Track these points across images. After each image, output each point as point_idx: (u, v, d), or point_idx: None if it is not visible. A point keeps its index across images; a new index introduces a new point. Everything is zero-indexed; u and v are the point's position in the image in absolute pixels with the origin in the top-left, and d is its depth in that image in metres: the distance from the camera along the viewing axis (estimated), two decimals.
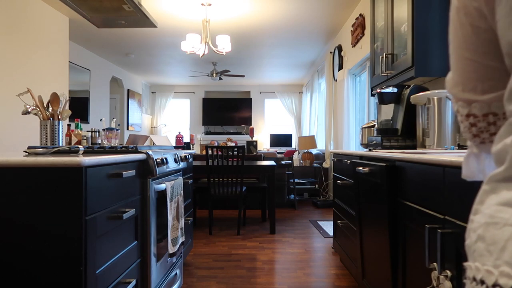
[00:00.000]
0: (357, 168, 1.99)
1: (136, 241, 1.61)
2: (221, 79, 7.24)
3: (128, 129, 7.92)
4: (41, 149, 1.35)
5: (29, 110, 1.88)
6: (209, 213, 3.89)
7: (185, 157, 2.50)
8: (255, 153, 5.53)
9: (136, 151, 1.70)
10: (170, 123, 9.62)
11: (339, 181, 2.77)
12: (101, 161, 1.22)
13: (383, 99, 2.34)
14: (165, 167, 1.94)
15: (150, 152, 1.73)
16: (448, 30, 0.56)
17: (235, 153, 3.86)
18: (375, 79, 2.79)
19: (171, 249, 1.96)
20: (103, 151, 1.69)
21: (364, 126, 2.71)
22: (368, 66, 4.03)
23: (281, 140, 8.61)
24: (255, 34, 5.28)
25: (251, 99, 9.52)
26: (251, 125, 9.21)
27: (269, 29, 5.06)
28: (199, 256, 3.10)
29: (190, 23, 4.82)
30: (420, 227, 1.28)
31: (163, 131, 9.49)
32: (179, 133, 5.61)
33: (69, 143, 2.27)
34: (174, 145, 3.18)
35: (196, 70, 7.59)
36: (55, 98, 1.94)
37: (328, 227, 4.09)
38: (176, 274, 2.25)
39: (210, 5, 4.16)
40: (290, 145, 8.57)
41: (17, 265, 1.11)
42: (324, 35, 5.39)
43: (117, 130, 2.41)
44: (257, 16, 4.57)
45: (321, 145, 6.72)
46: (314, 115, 7.46)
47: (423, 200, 1.28)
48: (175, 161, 2.22)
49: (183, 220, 2.24)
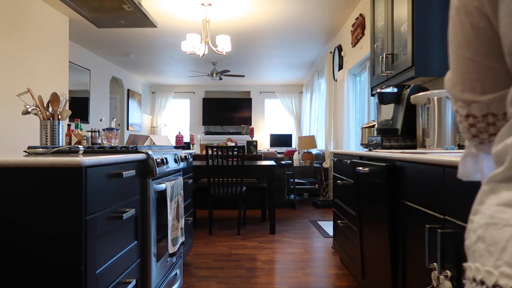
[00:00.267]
0: (357, 168, 1.99)
1: (136, 241, 1.61)
2: (221, 79, 7.24)
3: (128, 129, 7.92)
4: (41, 149, 1.35)
5: (29, 110, 1.88)
6: (209, 213, 3.89)
7: (185, 157, 2.50)
8: (255, 153, 5.53)
9: (136, 151, 1.70)
10: (170, 123, 9.62)
11: (339, 181, 2.77)
12: (101, 161, 1.22)
13: (383, 99, 2.34)
14: (165, 167, 1.94)
15: (150, 152, 1.73)
16: (448, 30, 0.56)
17: (235, 153, 3.86)
18: (375, 79, 2.79)
19: (171, 249, 1.96)
20: (103, 151, 1.69)
21: (364, 126, 2.71)
22: (368, 66, 4.03)
23: (281, 140, 8.61)
24: (255, 34, 5.28)
25: (251, 99, 9.52)
26: (251, 125, 9.21)
27: (269, 29, 5.06)
28: (199, 256, 3.10)
29: (190, 23, 4.82)
30: (420, 227, 1.28)
31: (163, 131, 9.49)
32: (179, 133, 5.61)
33: (69, 143, 2.27)
34: (174, 145, 3.18)
35: (196, 70, 7.59)
36: (55, 98, 1.94)
37: (328, 227, 4.09)
38: (176, 274, 2.25)
39: (210, 5, 4.16)
40: (290, 145, 8.56)
41: (17, 265, 1.11)
42: (324, 35, 5.39)
43: (117, 130, 2.41)
44: (257, 16, 4.57)
45: (321, 145, 6.72)
46: (314, 115, 7.46)
47: (423, 200, 1.28)
48: (175, 161, 2.22)
49: (183, 220, 2.24)
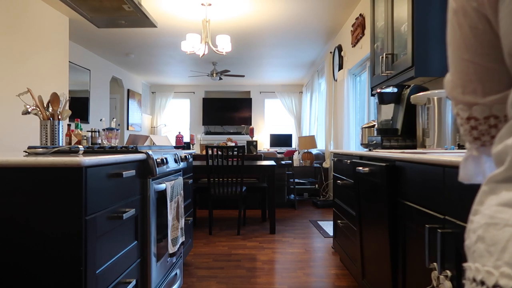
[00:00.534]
0: (357, 168, 1.99)
1: (136, 241, 1.61)
2: (221, 79, 7.24)
3: (128, 129, 7.92)
4: (41, 149, 1.35)
5: (29, 110, 1.88)
6: (209, 213, 3.89)
7: (185, 157, 2.50)
8: (255, 153, 5.53)
9: (136, 151, 1.70)
10: (170, 123, 9.62)
11: (339, 181, 2.77)
12: (101, 161, 1.22)
13: (383, 99, 2.34)
14: (165, 167, 1.94)
15: (150, 152, 1.73)
16: (446, 32, 0.56)
17: (235, 153, 3.86)
18: (375, 79, 2.79)
19: (171, 249, 1.96)
20: (103, 151, 1.69)
21: (364, 126, 2.71)
22: (368, 66, 4.03)
23: (281, 140, 8.61)
24: (255, 34, 5.28)
25: (251, 99, 9.51)
26: (251, 125, 9.21)
27: (269, 29, 5.06)
28: (199, 256, 3.10)
29: (190, 23, 4.82)
30: (420, 227, 1.28)
31: (163, 131, 9.49)
32: (179, 133, 5.61)
33: (69, 143, 2.27)
34: (174, 145, 3.18)
35: (196, 70, 7.59)
36: (55, 98, 1.94)
37: (328, 227, 4.09)
38: (176, 274, 2.25)
39: (210, 5, 4.16)
40: (290, 145, 8.56)
41: (17, 265, 1.11)
42: (324, 35, 5.39)
43: (117, 130, 2.41)
44: (257, 16, 4.57)
45: (321, 145, 6.72)
46: (314, 115, 7.46)
47: (423, 200, 1.28)
48: (175, 161, 2.22)
49: (183, 220, 2.24)
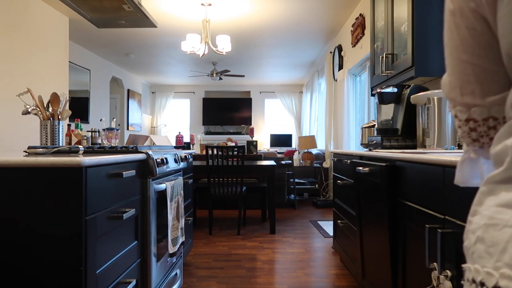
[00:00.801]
0: (357, 168, 1.99)
1: (136, 241, 1.61)
2: (221, 79, 7.24)
3: (128, 129, 7.92)
4: (41, 149, 1.35)
5: (29, 110, 1.88)
6: (209, 213, 3.88)
7: (185, 157, 2.50)
8: (255, 153, 5.53)
9: (136, 151, 1.70)
10: (170, 123, 9.62)
11: (339, 181, 2.77)
12: (101, 161, 1.22)
13: (383, 99, 2.34)
14: (165, 167, 1.94)
15: (150, 152, 1.73)
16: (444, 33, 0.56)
17: (235, 153, 3.86)
18: (375, 79, 2.79)
19: (171, 249, 1.96)
20: (103, 151, 1.69)
21: (364, 126, 2.71)
22: (368, 66, 4.03)
23: (281, 140, 8.61)
24: (255, 34, 5.28)
25: (251, 99, 9.51)
26: (251, 125, 9.21)
27: (269, 29, 5.06)
28: (199, 256, 3.10)
29: (190, 23, 4.82)
30: (420, 227, 1.28)
31: (163, 131, 9.49)
32: (179, 133, 5.61)
33: (69, 143, 2.27)
34: (174, 145, 3.18)
35: (196, 70, 7.59)
36: (55, 98, 1.94)
37: (328, 227, 4.09)
38: (176, 274, 2.25)
39: (210, 5, 4.16)
40: (290, 145, 8.56)
41: (17, 265, 1.11)
42: (324, 35, 5.39)
43: (117, 130, 2.41)
44: (257, 16, 4.56)
45: (321, 145, 6.72)
46: (314, 115, 7.46)
47: (423, 200, 1.28)
48: (175, 161, 2.22)
49: (183, 220, 2.24)
